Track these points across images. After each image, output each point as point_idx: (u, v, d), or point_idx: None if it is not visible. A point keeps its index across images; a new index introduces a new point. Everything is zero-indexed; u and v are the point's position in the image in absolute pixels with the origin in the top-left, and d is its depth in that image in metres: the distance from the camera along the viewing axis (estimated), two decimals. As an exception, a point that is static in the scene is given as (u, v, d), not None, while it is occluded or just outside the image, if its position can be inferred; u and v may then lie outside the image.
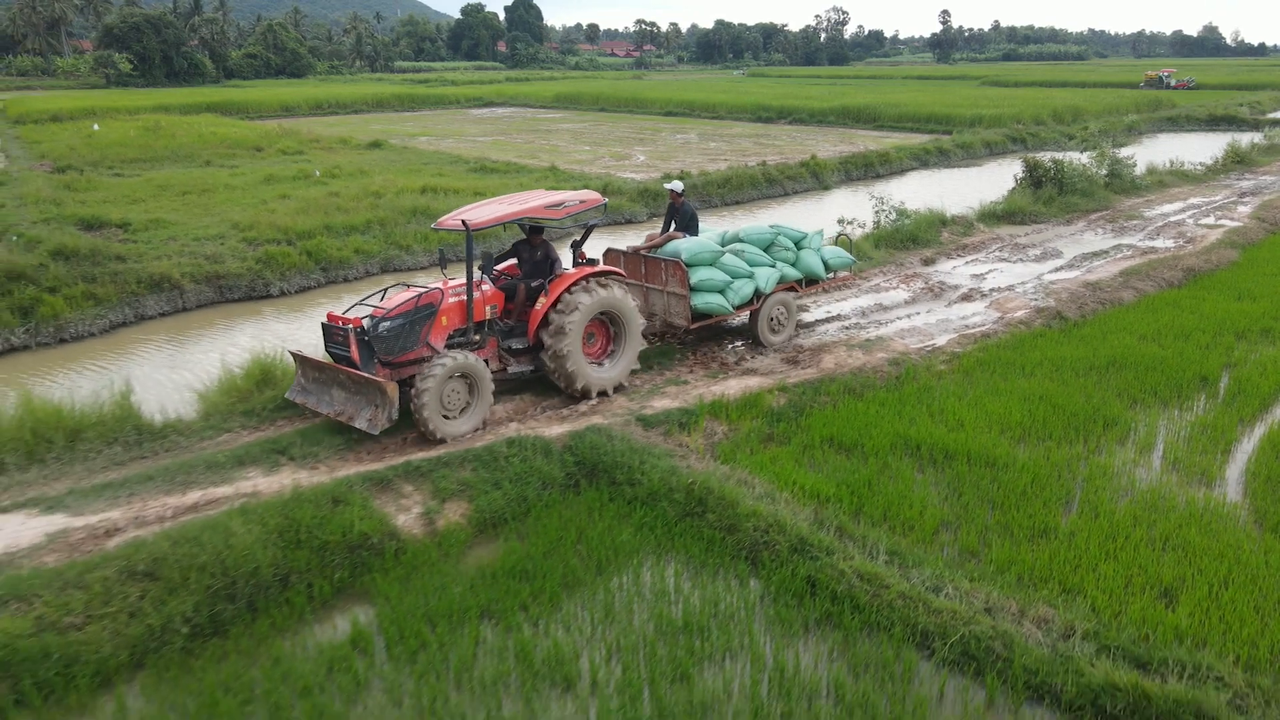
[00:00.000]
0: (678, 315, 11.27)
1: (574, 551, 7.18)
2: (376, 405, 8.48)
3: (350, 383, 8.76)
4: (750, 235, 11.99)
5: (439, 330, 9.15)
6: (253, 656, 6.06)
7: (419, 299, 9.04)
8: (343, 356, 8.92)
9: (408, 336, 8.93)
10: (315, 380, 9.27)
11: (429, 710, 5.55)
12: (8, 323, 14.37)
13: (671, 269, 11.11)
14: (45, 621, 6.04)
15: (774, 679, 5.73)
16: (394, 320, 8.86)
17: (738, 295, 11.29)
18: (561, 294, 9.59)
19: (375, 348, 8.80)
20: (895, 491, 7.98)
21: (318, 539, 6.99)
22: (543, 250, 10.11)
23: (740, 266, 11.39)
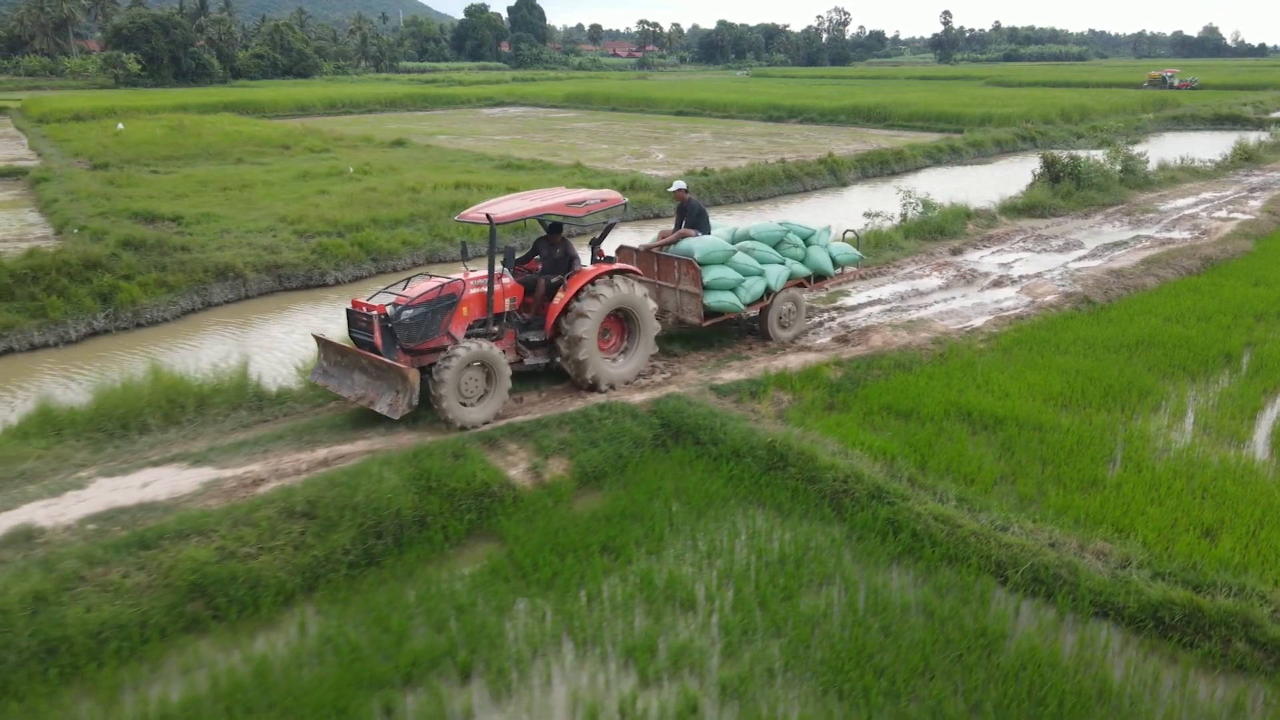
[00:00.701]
0: (690, 313, 11.44)
1: (673, 499, 8.01)
2: (398, 390, 8.72)
3: (372, 368, 9.01)
4: (760, 233, 12.18)
5: (459, 320, 9.36)
6: (407, 582, 6.89)
7: (441, 289, 9.32)
8: (366, 342, 9.15)
9: (429, 325, 9.15)
10: (337, 364, 9.53)
11: (570, 625, 6.37)
12: (90, 308, 15.17)
13: (684, 267, 11.27)
14: (225, 551, 6.88)
15: (869, 599, 6.56)
16: (416, 309, 9.10)
17: (749, 293, 11.42)
18: (579, 290, 9.80)
19: (398, 335, 9.02)
20: (953, 451, 8.80)
21: (447, 486, 7.83)
22: (562, 248, 10.29)
23: (751, 264, 11.55)
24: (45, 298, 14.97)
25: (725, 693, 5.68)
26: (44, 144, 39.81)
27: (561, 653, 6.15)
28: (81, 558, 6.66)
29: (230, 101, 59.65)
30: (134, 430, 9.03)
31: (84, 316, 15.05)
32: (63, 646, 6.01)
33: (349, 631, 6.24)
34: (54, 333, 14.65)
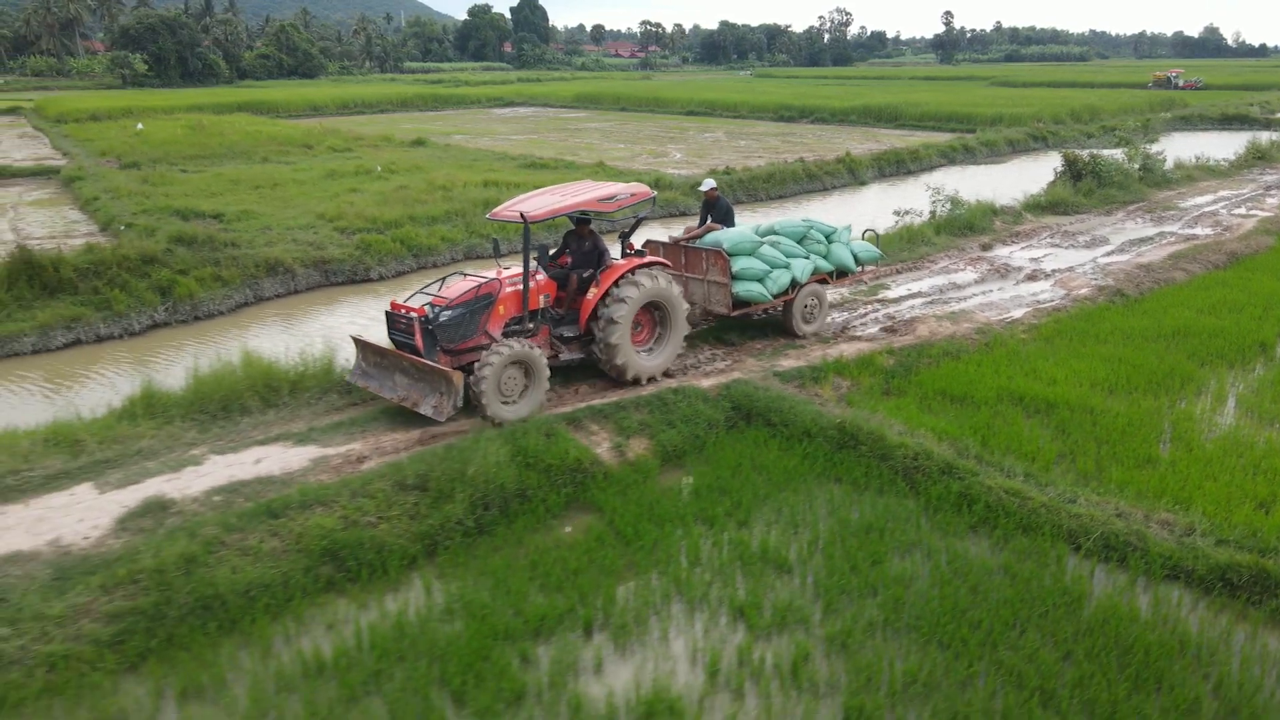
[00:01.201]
0: (718, 303, 11.61)
1: (754, 474, 8.50)
2: (442, 393, 8.82)
3: (414, 370, 9.10)
4: (784, 228, 12.36)
5: (497, 319, 9.47)
6: (519, 547, 7.39)
7: (479, 289, 9.41)
8: (406, 344, 9.27)
9: (468, 325, 9.27)
10: (376, 365, 9.63)
11: (678, 586, 6.87)
12: (151, 301, 15.66)
13: (713, 258, 11.47)
14: (349, 520, 7.37)
15: (951, 563, 7.05)
16: (455, 309, 9.20)
17: (776, 284, 11.59)
18: (612, 285, 9.91)
19: (438, 336, 9.10)
20: (1011, 432, 9.30)
21: (544, 462, 8.33)
22: (591, 241, 10.37)
23: (777, 257, 11.74)
24: (108, 291, 15.45)
25: (832, 644, 6.17)
26: (66, 143, 40.28)
27: (673, 611, 6.64)
28: (219, 525, 7.15)
29: (244, 102, 60.15)
30: (235, 412, 9.52)
31: (145, 309, 15.54)
32: (216, 603, 6.50)
33: (474, 592, 6.73)
34: (118, 325, 15.14)
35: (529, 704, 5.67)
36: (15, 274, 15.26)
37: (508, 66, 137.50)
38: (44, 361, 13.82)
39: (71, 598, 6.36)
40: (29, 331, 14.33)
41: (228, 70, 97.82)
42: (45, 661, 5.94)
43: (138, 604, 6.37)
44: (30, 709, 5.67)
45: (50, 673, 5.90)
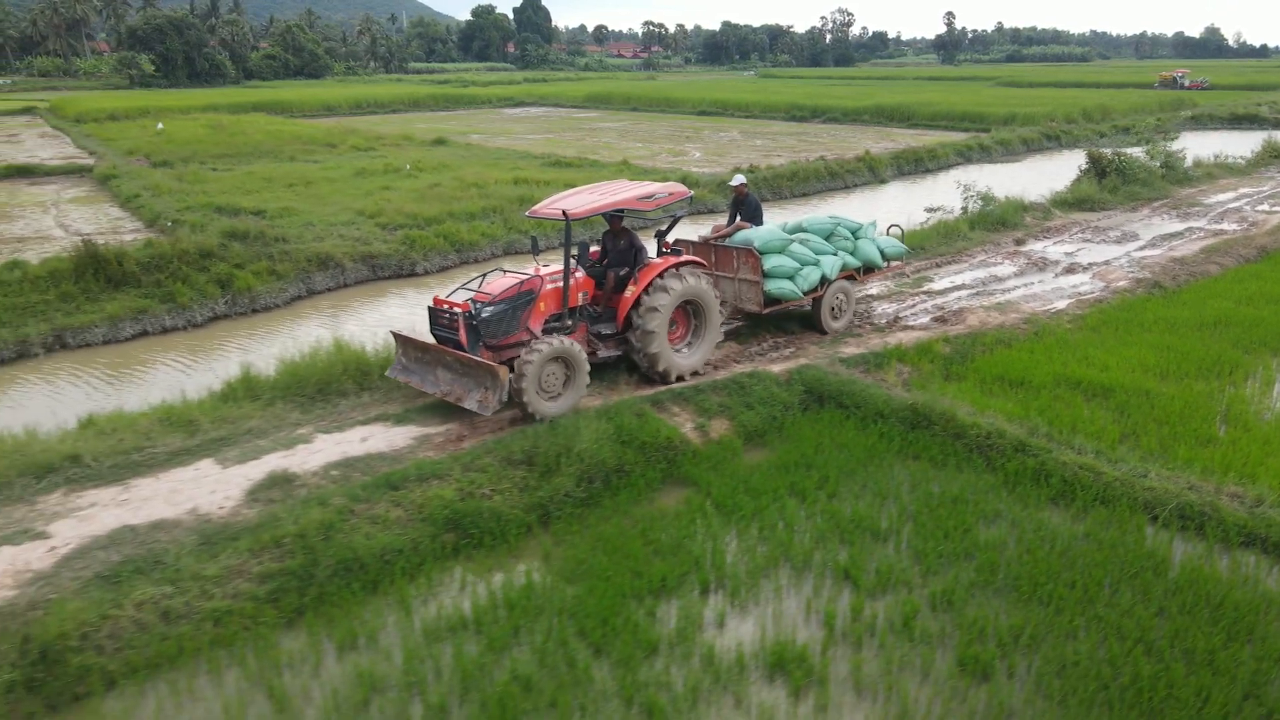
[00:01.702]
0: (749, 301, 11.68)
1: (835, 452, 8.95)
2: (487, 387, 8.87)
3: (458, 365, 9.17)
4: (812, 225, 12.58)
5: (537, 315, 9.58)
6: (625, 517, 7.84)
7: (521, 286, 9.52)
8: (449, 339, 9.34)
9: (510, 321, 9.38)
10: (418, 360, 9.71)
11: (784, 551, 7.31)
12: (211, 294, 16.11)
13: (744, 256, 11.55)
14: (464, 492, 7.83)
15: (1036, 531, 7.49)
16: (498, 305, 9.30)
17: (806, 281, 11.71)
18: (649, 284, 10.02)
19: (481, 331, 9.21)
20: (1072, 414, 9.74)
21: (639, 440, 8.78)
22: (626, 239, 10.44)
23: (807, 254, 11.87)
24: (171, 285, 15.90)
25: (937, 602, 6.62)
26: (90, 143, 40.71)
27: (781, 573, 7.08)
28: (346, 496, 7.60)
29: (258, 102, 60.61)
30: (332, 395, 9.96)
31: (207, 302, 15.98)
32: (357, 566, 6.95)
33: (592, 556, 7.18)
34: (182, 317, 15.58)
35: (663, 654, 6.11)
36: (82, 267, 15.70)
37: (511, 67, 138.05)
38: (115, 351, 14.26)
39: (224, 560, 6.81)
40: (99, 323, 14.77)
41: (234, 71, 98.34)
42: (211, 616, 6.39)
43: (286, 565, 6.82)
44: (205, 658, 6.11)
45: (217, 626, 6.34)
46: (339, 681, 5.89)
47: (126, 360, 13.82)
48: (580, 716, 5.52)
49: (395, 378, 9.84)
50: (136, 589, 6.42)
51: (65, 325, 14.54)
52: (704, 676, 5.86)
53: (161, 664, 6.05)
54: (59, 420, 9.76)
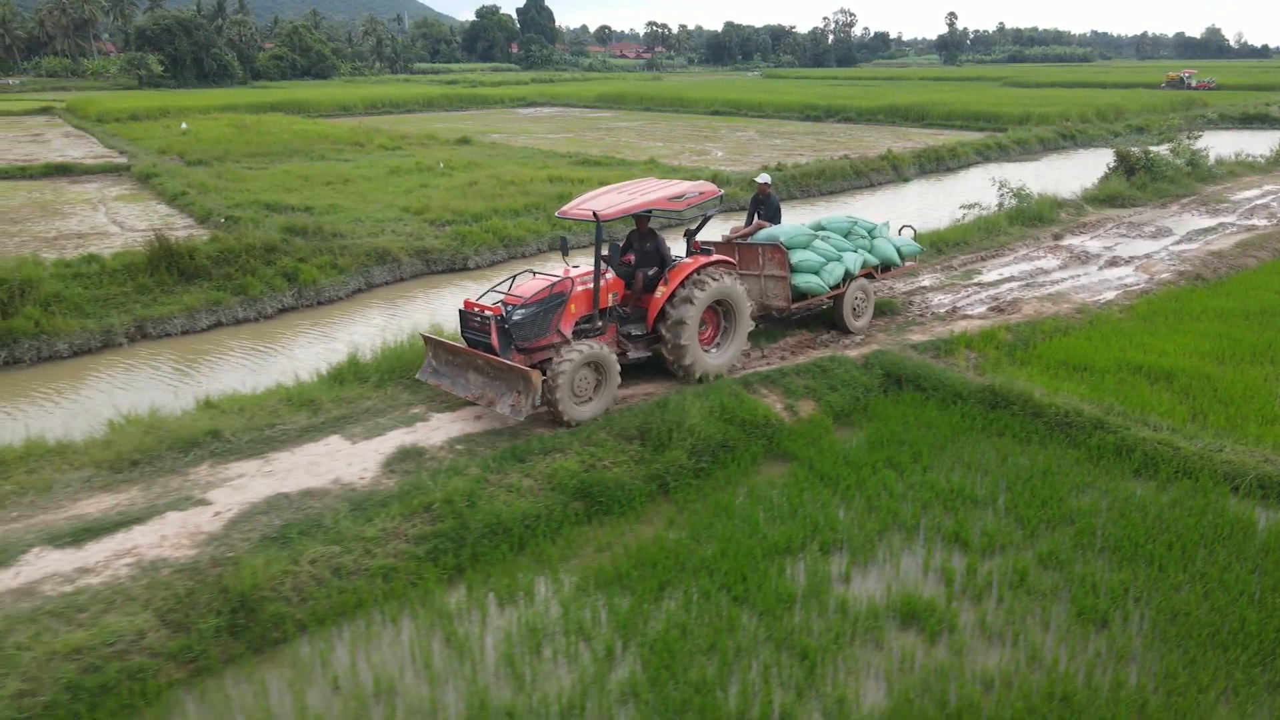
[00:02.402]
0: (777, 297, 11.72)
1: (922, 430, 9.48)
2: (519, 391, 8.79)
3: (490, 368, 9.11)
4: (831, 224, 12.69)
5: (568, 318, 9.48)
6: (738, 487, 8.37)
7: (552, 288, 9.40)
8: (480, 342, 9.29)
9: (541, 324, 9.28)
10: (448, 363, 9.66)
11: (887, 516, 7.83)
12: (280, 287, 16.65)
13: (770, 252, 11.58)
14: (586, 464, 8.36)
15: (1125, 500, 8.02)
16: (529, 308, 9.21)
17: (831, 276, 11.80)
18: (680, 284, 9.99)
19: (513, 334, 9.11)
20: (1138, 396, 10.27)
21: (739, 418, 9.32)
22: (652, 241, 10.34)
23: (830, 250, 12.01)
24: (241, 278, 16.43)
25: (1045, 562, 7.14)
26: (117, 142, 41.21)
27: (893, 536, 7.61)
28: (479, 467, 8.13)
29: (275, 102, 61.10)
30: (436, 377, 10.47)
31: (276, 295, 16.50)
32: (501, 529, 7.48)
33: (716, 522, 7.71)
34: (253, 308, 16.12)
35: (800, 605, 6.63)
36: (156, 261, 16.23)
37: (516, 67, 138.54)
38: (195, 340, 14.79)
39: (379, 523, 7.33)
40: (178, 314, 15.32)
41: (241, 71, 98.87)
42: (378, 573, 6.92)
43: (439, 528, 7.35)
44: (380, 609, 6.64)
45: (385, 581, 6.87)
46: (508, 629, 6.41)
47: (215, 348, 14.36)
48: (739, 658, 6.04)
49: (425, 380, 9.80)
50: (307, 548, 6.95)
51: (145, 316, 15.09)
52: (843, 624, 6.38)
53: (343, 614, 6.58)
54: (179, 402, 10.28)
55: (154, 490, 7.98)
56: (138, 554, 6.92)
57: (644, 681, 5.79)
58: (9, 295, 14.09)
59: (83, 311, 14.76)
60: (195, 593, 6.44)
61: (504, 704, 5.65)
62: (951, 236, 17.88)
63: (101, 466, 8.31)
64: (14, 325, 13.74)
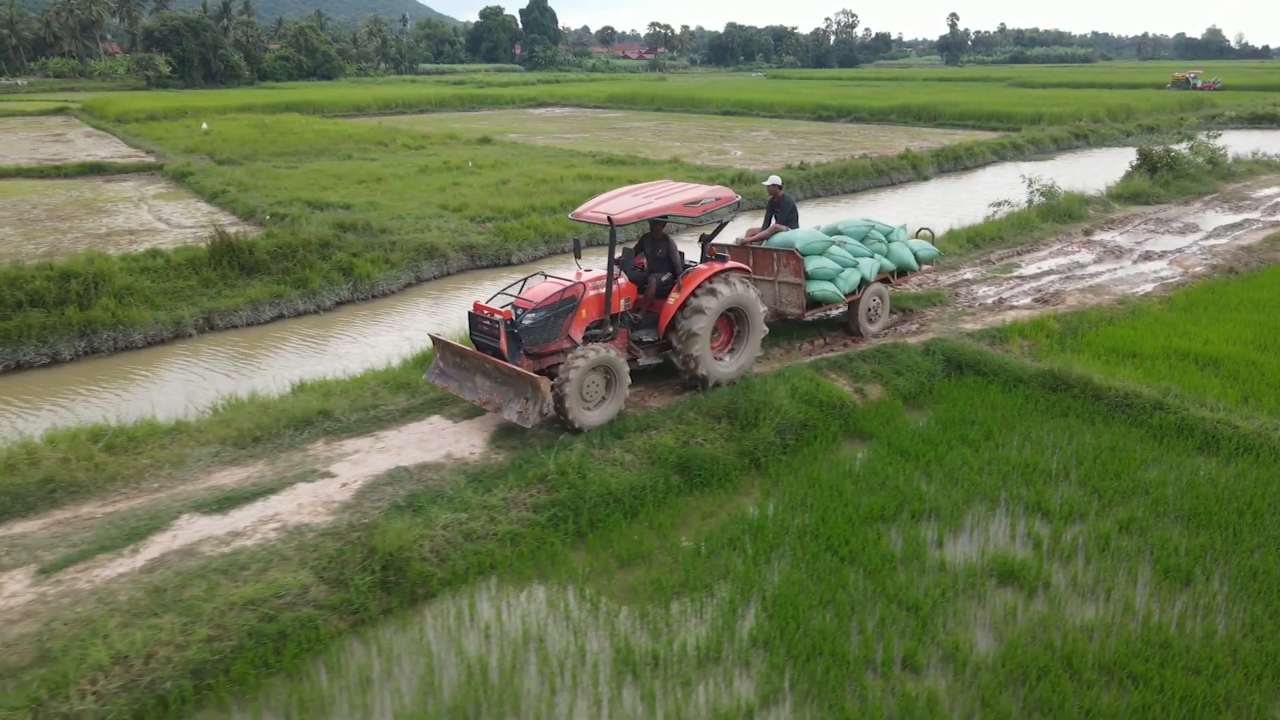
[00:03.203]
0: (791, 304, 11.62)
1: (988, 411, 9.99)
2: (528, 398, 8.62)
3: (499, 373, 8.94)
4: (848, 228, 12.53)
5: (579, 322, 9.33)
6: (823, 462, 8.88)
7: (564, 292, 9.24)
8: (489, 346, 9.14)
9: (551, 329, 9.13)
10: (456, 365, 9.49)
11: (969, 488, 8.34)
12: (337, 281, 17.17)
13: (785, 259, 11.45)
14: (682, 440, 8.88)
15: (1191, 475, 8.53)
16: (539, 313, 9.05)
17: (847, 283, 11.67)
18: (693, 291, 9.81)
19: (522, 339, 8.94)
20: (1189, 380, 10.76)
21: (817, 399, 9.84)
22: (664, 246, 10.18)
23: (846, 256, 11.88)
24: (299, 272, 16.94)
25: (1123, 528, 7.65)
26: (142, 142, 41.70)
27: (978, 506, 8.11)
28: (583, 443, 8.64)
29: (290, 102, 61.63)
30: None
31: (334, 288, 17.01)
32: (612, 498, 7.99)
33: (809, 493, 8.22)
34: (313, 301, 16.63)
35: (902, 566, 7.14)
36: (217, 256, 16.74)
37: (520, 68, 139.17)
38: (261, 332, 15.28)
39: (499, 493, 7.84)
40: (242, 306, 15.82)
41: (248, 72, 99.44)
42: (505, 537, 7.43)
43: (556, 497, 7.86)
44: (514, 569, 7.15)
45: (513, 545, 7.38)
46: (635, 586, 6.92)
47: (285, 338, 14.87)
48: (854, 610, 6.55)
49: (432, 382, 9.67)
50: (437, 515, 7.45)
51: (212, 308, 15.59)
52: (945, 581, 6.89)
53: (480, 573, 7.09)
54: (277, 386, 10.79)
55: (279, 464, 8.48)
56: (280, 520, 7.43)
57: (771, 630, 6.29)
58: (84, 288, 14.58)
59: (153, 304, 15.27)
60: (345, 553, 6.95)
61: (647, 649, 6.16)
62: (987, 232, 18.40)
63: (226, 443, 8.82)
64: (92, 316, 14.23)
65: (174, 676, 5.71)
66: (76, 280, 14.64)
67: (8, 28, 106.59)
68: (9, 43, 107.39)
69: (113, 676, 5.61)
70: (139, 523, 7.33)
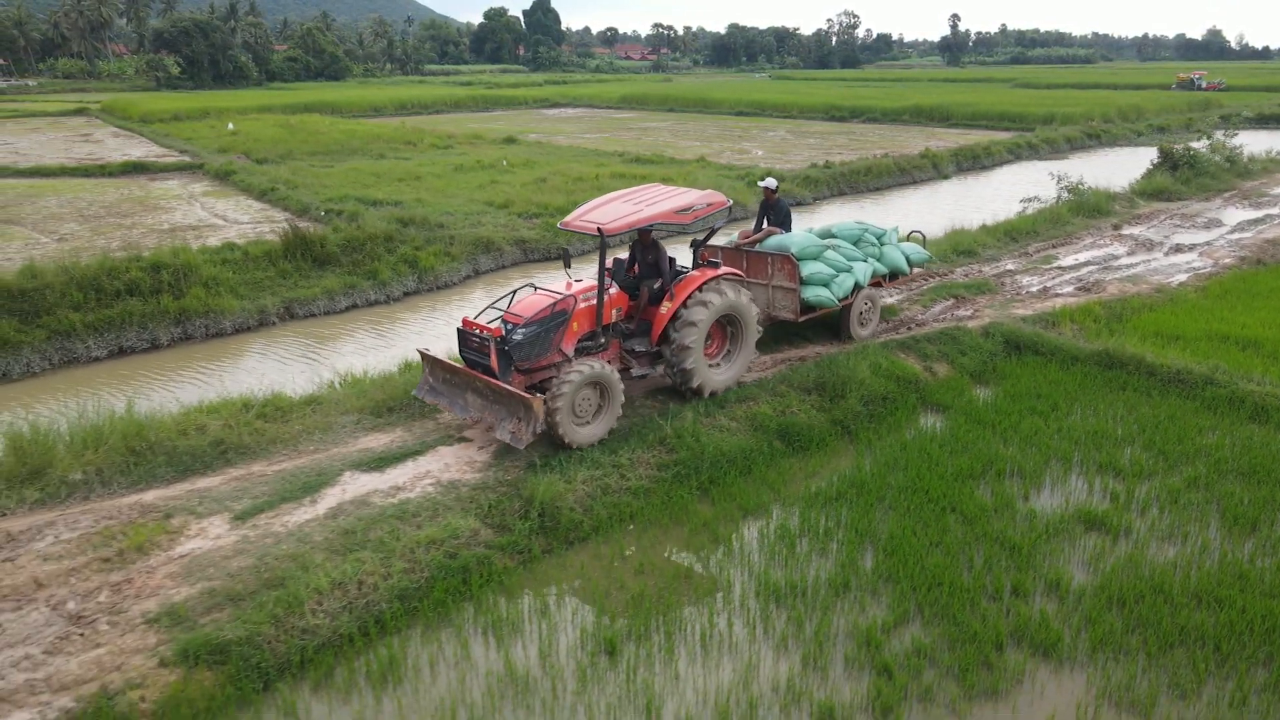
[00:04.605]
0: (785, 309, 11.51)
1: (1051, 387, 10.84)
2: (520, 419, 8.41)
3: (490, 391, 8.71)
4: (841, 231, 12.43)
5: (570, 336, 9.11)
6: (907, 429, 9.73)
7: (554, 306, 9.01)
8: (479, 363, 8.91)
9: (542, 343, 8.90)
10: (446, 382, 9.27)
11: (1045, 451, 9.18)
12: (403, 273, 17.98)
13: (779, 263, 11.33)
14: (779, 410, 9.74)
15: (1247, 439, 9.37)
16: (529, 328, 8.81)
17: (841, 288, 11.54)
18: (686, 299, 9.65)
19: (513, 356, 8.73)
20: (1232, 359, 11.61)
21: (893, 374, 10.70)
22: (654, 252, 10.01)
23: (840, 261, 11.78)
24: (368, 264, 17.78)
25: (1190, 485, 8.48)
26: (172, 142, 42.51)
27: (1055, 466, 8.96)
28: (691, 410, 9.48)
29: (309, 103, 62.42)
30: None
31: (401, 280, 17.85)
32: (725, 459, 8.84)
33: (899, 455, 9.06)
34: (382, 292, 17.46)
35: (996, 514, 7.97)
36: (291, 248, 17.57)
37: (524, 69, 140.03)
38: (340, 320, 16.11)
39: (624, 454, 8.69)
40: (319, 296, 16.65)
41: (256, 72, 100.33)
42: (636, 491, 8.28)
43: (677, 457, 8.71)
44: (651, 518, 8.00)
45: (645, 498, 8.23)
46: (762, 531, 7.77)
47: (366, 324, 15.69)
48: (961, 551, 7.39)
49: (422, 398, 9.43)
50: (575, 472, 8.29)
51: (292, 298, 16.43)
52: (1037, 527, 7.73)
53: (619, 520, 7.94)
54: (381, 365, 11.64)
55: (415, 430, 9.33)
56: (433, 476, 8.27)
57: (892, 566, 7.14)
58: (174, 279, 15.42)
59: (237, 293, 16.10)
60: (503, 502, 7.80)
61: (783, 580, 7.00)
62: (1022, 226, 19.26)
63: (364, 412, 9.66)
64: (185, 305, 15.06)
65: (384, 600, 6.56)
66: (167, 271, 15.46)
67: (16, 29, 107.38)
68: (17, 44, 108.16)
69: (334, 598, 6.45)
70: (309, 478, 8.17)
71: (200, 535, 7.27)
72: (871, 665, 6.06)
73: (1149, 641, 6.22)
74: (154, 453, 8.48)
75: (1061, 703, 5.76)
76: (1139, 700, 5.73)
